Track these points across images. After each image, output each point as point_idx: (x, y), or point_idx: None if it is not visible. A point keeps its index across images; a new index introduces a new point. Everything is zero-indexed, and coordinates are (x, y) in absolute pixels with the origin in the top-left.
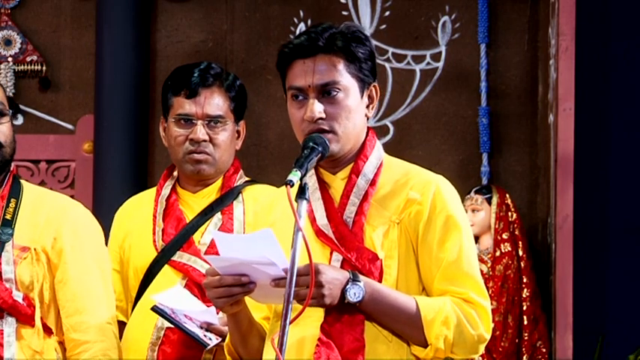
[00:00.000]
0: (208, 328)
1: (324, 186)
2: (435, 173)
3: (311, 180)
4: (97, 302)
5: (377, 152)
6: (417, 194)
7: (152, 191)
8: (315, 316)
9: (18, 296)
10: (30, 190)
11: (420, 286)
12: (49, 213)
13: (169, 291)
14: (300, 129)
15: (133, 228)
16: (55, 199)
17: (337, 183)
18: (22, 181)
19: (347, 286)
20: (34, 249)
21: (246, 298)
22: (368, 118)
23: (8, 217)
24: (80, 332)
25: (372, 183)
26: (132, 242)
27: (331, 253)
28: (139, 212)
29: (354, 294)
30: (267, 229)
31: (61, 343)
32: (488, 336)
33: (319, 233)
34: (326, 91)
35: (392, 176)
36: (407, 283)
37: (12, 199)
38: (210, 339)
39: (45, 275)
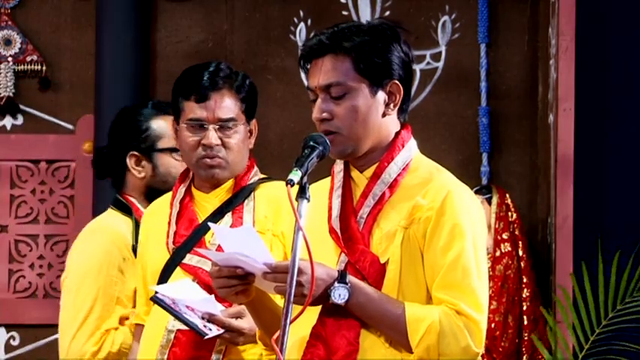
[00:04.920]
0: (210, 319)
1: (348, 184)
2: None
3: (338, 177)
4: None
5: (405, 153)
6: (424, 200)
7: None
8: (311, 318)
9: None
10: None
11: (428, 293)
12: None
13: (174, 283)
14: (318, 129)
15: (151, 232)
16: None
17: (363, 181)
18: None
19: (332, 287)
20: None
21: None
22: (385, 116)
23: None
24: None
25: (392, 186)
26: (148, 246)
27: (340, 254)
28: (157, 216)
29: (338, 295)
30: (248, 226)
31: None
32: (478, 350)
33: (332, 231)
34: (330, 92)
35: (414, 179)
36: (412, 289)
37: None
38: (210, 329)
39: None
